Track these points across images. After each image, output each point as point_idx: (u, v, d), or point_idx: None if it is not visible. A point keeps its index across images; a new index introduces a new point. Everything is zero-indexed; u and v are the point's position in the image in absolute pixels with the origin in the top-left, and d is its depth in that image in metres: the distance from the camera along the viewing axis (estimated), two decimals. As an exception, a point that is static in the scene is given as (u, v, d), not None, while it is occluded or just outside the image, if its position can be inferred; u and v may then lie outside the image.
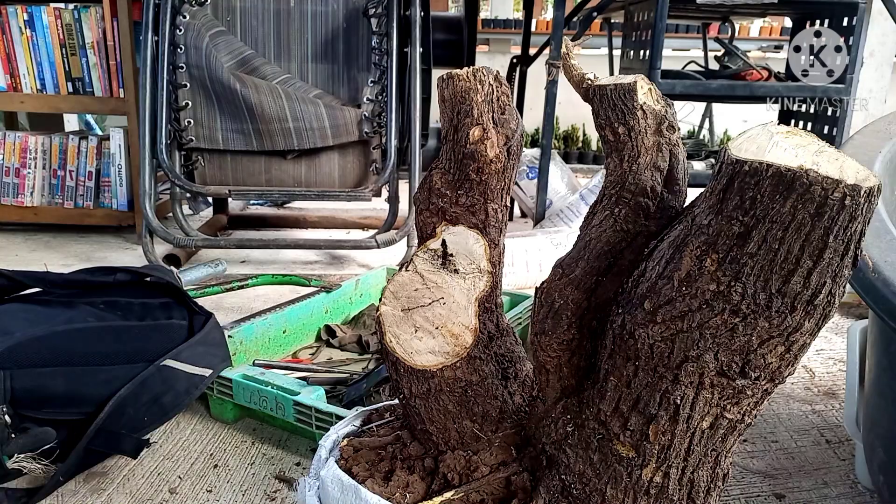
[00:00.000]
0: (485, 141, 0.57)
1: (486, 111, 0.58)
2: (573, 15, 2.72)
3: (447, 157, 0.59)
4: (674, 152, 0.52)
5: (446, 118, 0.59)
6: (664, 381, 0.43)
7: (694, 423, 0.44)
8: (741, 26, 5.24)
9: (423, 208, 0.61)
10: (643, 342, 0.43)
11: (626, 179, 0.50)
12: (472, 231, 0.59)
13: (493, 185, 0.59)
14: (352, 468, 0.56)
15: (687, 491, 0.48)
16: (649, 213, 0.50)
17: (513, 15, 5.95)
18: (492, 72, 0.59)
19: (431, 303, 0.58)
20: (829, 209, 0.35)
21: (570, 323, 0.51)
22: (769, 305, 0.38)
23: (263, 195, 2.22)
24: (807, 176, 0.35)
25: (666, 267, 0.42)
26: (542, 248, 2.14)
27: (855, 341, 1.07)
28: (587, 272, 0.51)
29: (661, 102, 0.51)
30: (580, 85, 0.52)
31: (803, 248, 0.36)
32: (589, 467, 0.50)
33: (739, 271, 0.38)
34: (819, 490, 1.07)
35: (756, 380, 0.42)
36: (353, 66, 2.18)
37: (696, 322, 0.40)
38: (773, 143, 0.38)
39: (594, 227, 0.51)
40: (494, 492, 0.55)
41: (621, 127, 0.50)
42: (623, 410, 0.46)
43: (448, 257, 0.59)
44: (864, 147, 0.97)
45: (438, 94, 0.59)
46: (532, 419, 0.56)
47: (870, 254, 0.80)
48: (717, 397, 0.43)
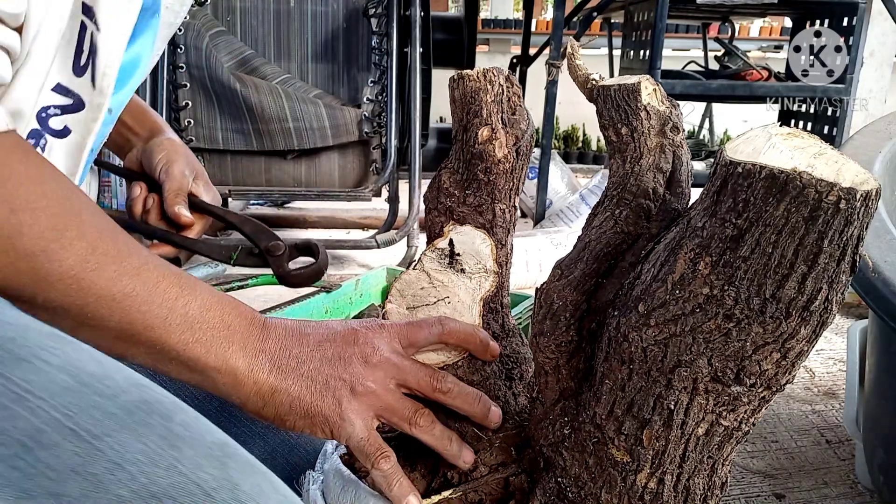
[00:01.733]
0: (493, 141, 0.57)
1: (495, 111, 0.58)
2: (573, 15, 2.72)
3: (456, 156, 0.59)
4: (677, 153, 0.51)
5: (456, 118, 0.59)
6: (658, 385, 0.43)
7: (688, 429, 0.43)
8: (741, 26, 5.24)
9: (432, 207, 0.60)
10: (637, 345, 0.42)
11: (627, 181, 0.50)
12: (480, 231, 0.59)
13: (501, 186, 0.59)
14: (354, 463, 0.56)
15: (682, 498, 0.47)
16: (651, 215, 0.49)
17: (513, 15, 5.95)
18: (503, 72, 0.58)
19: (436, 302, 0.57)
20: (823, 213, 0.34)
21: (569, 325, 0.50)
22: (763, 311, 0.37)
23: (263, 195, 2.22)
24: (800, 178, 0.34)
25: (660, 269, 0.41)
26: (542, 248, 2.14)
27: (855, 341, 1.07)
28: (587, 274, 0.50)
29: (666, 103, 0.51)
30: (585, 85, 0.52)
31: (797, 253, 0.35)
32: (584, 471, 0.49)
33: (733, 275, 0.37)
34: (819, 490, 1.07)
35: (752, 387, 0.41)
36: (353, 66, 2.18)
37: (689, 326, 0.40)
38: (769, 144, 0.37)
39: (594, 228, 0.51)
40: (493, 492, 0.55)
41: (624, 128, 0.50)
42: (618, 414, 0.45)
43: (455, 256, 0.59)
44: (864, 147, 0.97)
45: (449, 95, 0.59)
46: (532, 420, 0.56)
47: (870, 254, 0.79)
48: (712, 404, 0.42)
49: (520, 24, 4.48)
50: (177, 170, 0.75)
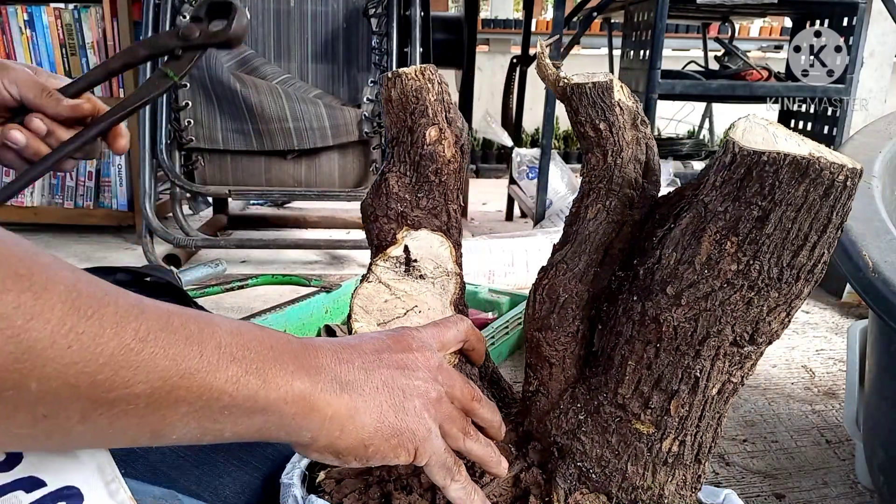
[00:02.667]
0: (442, 141, 0.56)
1: (440, 110, 0.56)
2: (573, 15, 2.72)
3: (400, 159, 0.57)
4: (649, 145, 0.55)
5: (395, 119, 0.57)
6: (686, 357, 0.47)
7: (708, 392, 0.48)
8: (741, 26, 5.24)
9: (381, 214, 0.57)
10: (668, 325, 0.46)
11: (612, 173, 0.53)
12: (437, 234, 0.58)
13: (452, 186, 0.58)
14: (342, 502, 0.53)
15: (695, 453, 0.52)
16: (633, 203, 0.53)
17: (513, 15, 5.95)
18: (437, 70, 0.57)
19: (406, 313, 0.56)
20: (835, 190, 0.40)
21: (576, 315, 0.53)
22: (780, 278, 0.43)
23: (263, 195, 2.22)
24: (818, 162, 0.40)
25: (684, 253, 0.45)
26: (542, 248, 2.14)
27: (855, 341, 1.07)
28: (589, 265, 0.53)
29: (633, 99, 0.54)
30: (556, 84, 0.53)
31: (812, 226, 0.41)
32: (607, 450, 0.52)
33: (758, 250, 0.43)
34: (819, 490, 1.07)
35: (760, 344, 0.47)
36: (353, 66, 2.18)
37: (719, 300, 0.45)
38: (772, 134, 0.43)
39: (590, 221, 0.53)
40: (504, 492, 0.55)
41: (602, 123, 0.52)
42: (644, 391, 0.49)
43: (412, 263, 0.57)
44: (864, 147, 0.97)
45: (384, 94, 0.57)
46: (534, 414, 0.56)
47: (870, 254, 0.80)
48: (728, 365, 0.47)
49: (520, 24, 4.48)
50: (22, 78, 0.65)
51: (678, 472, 0.52)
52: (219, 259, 2.10)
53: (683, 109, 3.30)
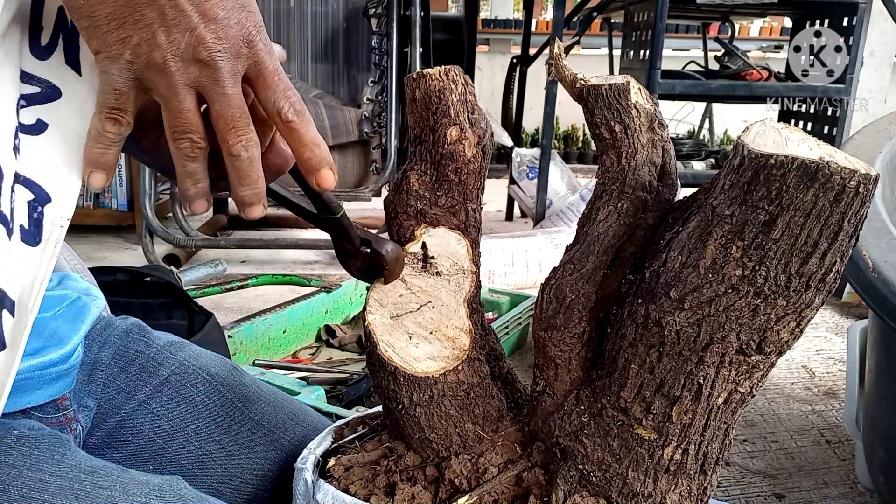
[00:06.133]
0: (462, 141, 0.57)
1: (462, 111, 0.57)
2: (573, 15, 2.72)
3: (422, 158, 0.58)
4: (665, 148, 0.54)
5: (418, 118, 0.58)
6: (689, 363, 0.46)
7: (713, 401, 0.47)
8: (741, 26, 5.24)
9: (400, 211, 0.59)
10: (671, 329, 0.46)
11: (626, 175, 0.52)
12: (454, 232, 0.59)
13: (472, 186, 0.59)
14: (348, 488, 0.55)
15: (700, 463, 0.51)
16: (647, 207, 0.52)
17: (513, 15, 5.95)
18: (461, 71, 0.58)
19: (420, 307, 0.57)
20: (846, 196, 0.39)
21: (582, 316, 0.53)
22: (788, 285, 0.42)
23: (263, 195, 2.21)
24: (828, 167, 0.38)
25: (689, 256, 0.45)
26: (542, 248, 2.14)
27: (855, 341, 1.07)
28: (597, 266, 0.53)
29: (651, 101, 0.53)
30: (572, 85, 0.53)
31: (821, 232, 0.40)
32: (608, 454, 0.51)
33: (764, 256, 0.42)
34: (819, 490, 1.07)
35: (769, 354, 0.45)
36: (353, 66, 2.18)
37: (723, 306, 0.44)
38: (784, 138, 0.41)
39: (600, 222, 0.53)
40: (506, 490, 0.55)
41: (617, 125, 0.52)
42: (646, 395, 0.49)
43: (429, 260, 0.58)
44: (864, 147, 0.97)
45: (408, 94, 0.58)
46: (538, 414, 0.56)
47: (870, 254, 0.80)
48: (734, 374, 0.46)
49: (520, 24, 4.48)
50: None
51: (681, 481, 0.51)
52: (219, 259, 2.10)
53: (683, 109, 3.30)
